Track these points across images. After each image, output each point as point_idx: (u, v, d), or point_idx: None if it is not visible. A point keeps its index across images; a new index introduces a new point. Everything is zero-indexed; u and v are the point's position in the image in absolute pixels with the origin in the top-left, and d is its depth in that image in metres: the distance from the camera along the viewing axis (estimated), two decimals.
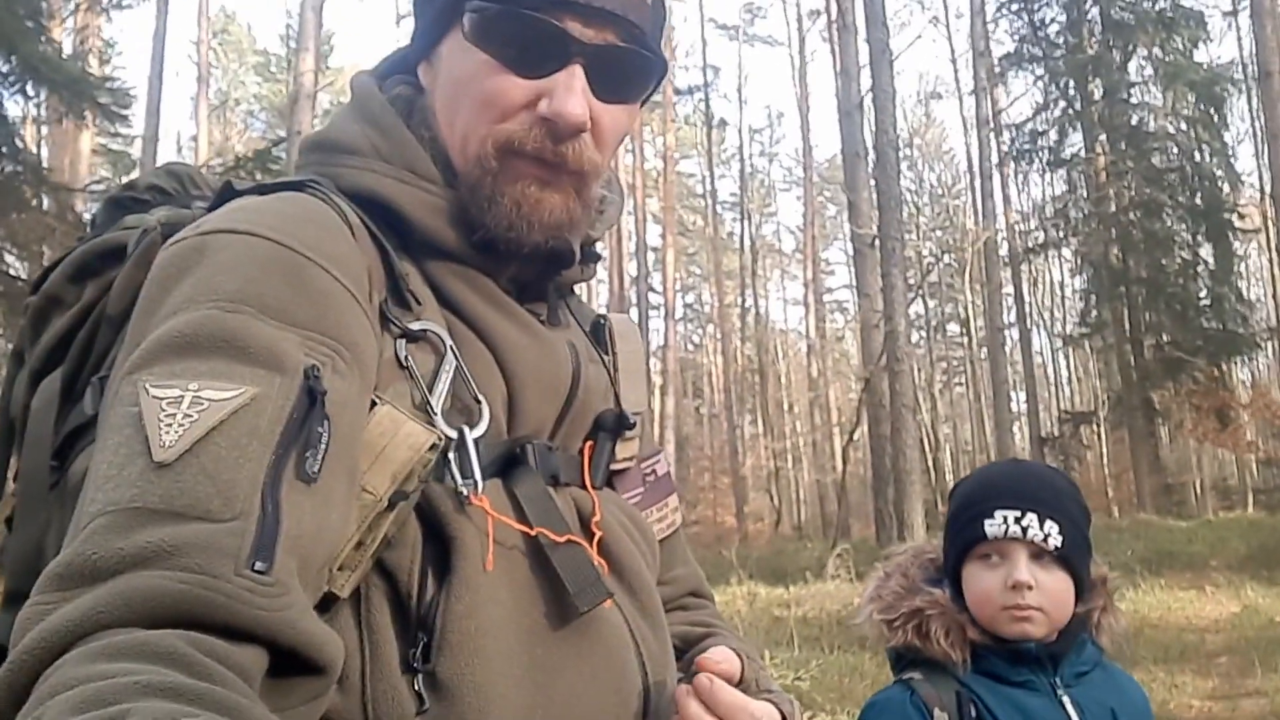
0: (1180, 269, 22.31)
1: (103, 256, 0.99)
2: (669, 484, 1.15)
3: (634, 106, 0.98)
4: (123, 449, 0.69)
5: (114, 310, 0.91)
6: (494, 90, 0.91)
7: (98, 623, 0.60)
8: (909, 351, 13.26)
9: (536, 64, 0.90)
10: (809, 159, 34.52)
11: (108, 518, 0.65)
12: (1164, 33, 22.42)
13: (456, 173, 0.94)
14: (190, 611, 0.62)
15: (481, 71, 0.91)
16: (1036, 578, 1.57)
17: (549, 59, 0.90)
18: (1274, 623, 8.92)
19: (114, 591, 0.61)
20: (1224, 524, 17.80)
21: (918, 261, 26.58)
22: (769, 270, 42.36)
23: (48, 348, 0.98)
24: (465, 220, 0.92)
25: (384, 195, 0.92)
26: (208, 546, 0.64)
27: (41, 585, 0.64)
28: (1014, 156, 25.35)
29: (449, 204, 0.93)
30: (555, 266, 0.98)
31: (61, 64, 7.34)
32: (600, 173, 0.96)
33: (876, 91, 13.40)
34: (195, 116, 29.84)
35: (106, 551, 0.63)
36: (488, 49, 0.90)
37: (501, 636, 0.83)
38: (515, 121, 0.91)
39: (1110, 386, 26.20)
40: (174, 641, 0.60)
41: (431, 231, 0.92)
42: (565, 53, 0.89)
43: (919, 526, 12.13)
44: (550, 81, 0.90)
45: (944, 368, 38.59)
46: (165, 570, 0.63)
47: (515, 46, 0.90)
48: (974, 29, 24.80)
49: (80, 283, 0.99)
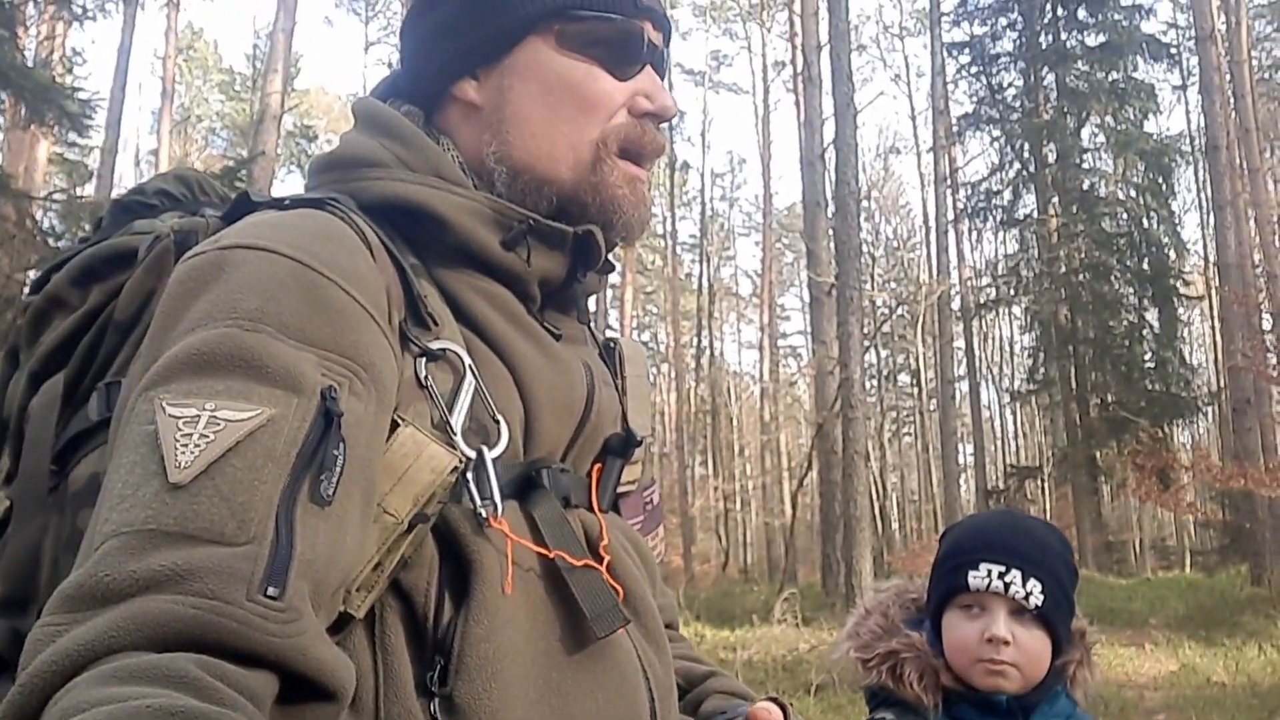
0: (1126, 331, 22.80)
1: (110, 261, 0.98)
2: (659, 515, 1.16)
3: None
4: (138, 468, 0.68)
5: (122, 316, 0.90)
6: (600, 92, 0.97)
7: (109, 647, 0.60)
8: (863, 399, 13.38)
9: (626, 66, 0.97)
10: (769, 205, 34.89)
11: (121, 539, 0.65)
12: (1116, 102, 23.09)
13: (545, 180, 0.97)
14: (202, 637, 0.62)
15: (584, 75, 0.96)
16: (1014, 634, 1.58)
17: (635, 60, 0.98)
18: (1210, 682, 9.07)
19: (125, 615, 0.61)
20: (1163, 583, 18.12)
21: (872, 311, 26.92)
22: (725, 313, 42.60)
23: (49, 350, 0.96)
24: (498, 221, 0.93)
25: (418, 200, 0.92)
26: (220, 571, 0.64)
27: (52, 606, 0.63)
28: (969, 214, 25.84)
29: (482, 205, 0.93)
30: (583, 264, 0.98)
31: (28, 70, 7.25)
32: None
33: (839, 144, 13.62)
34: (157, 131, 29.48)
35: (119, 574, 0.63)
36: (585, 53, 0.96)
37: (519, 660, 0.82)
38: (620, 119, 0.98)
39: (1055, 443, 26.63)
40: (185, 665, 0.60)
41: (467, 232, 0.92)
42: (643, 54, 0.98)
43: (867, 574, 12.16)
44: (638, 82, 0.98)
45: (894, 417, 38.95)
46: (177, 594, 0.62)
47: (608, 48, 0.97)
48: (934, 88, 25.38)
49: (85, 286, 0.98)
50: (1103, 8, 23.28)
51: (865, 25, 41.90)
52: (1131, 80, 23.44)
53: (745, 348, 44.45)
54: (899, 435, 40.01)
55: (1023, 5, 23.99)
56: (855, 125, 14.45)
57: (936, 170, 25.69)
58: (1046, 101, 23.98)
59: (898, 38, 37.83)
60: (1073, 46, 23.73)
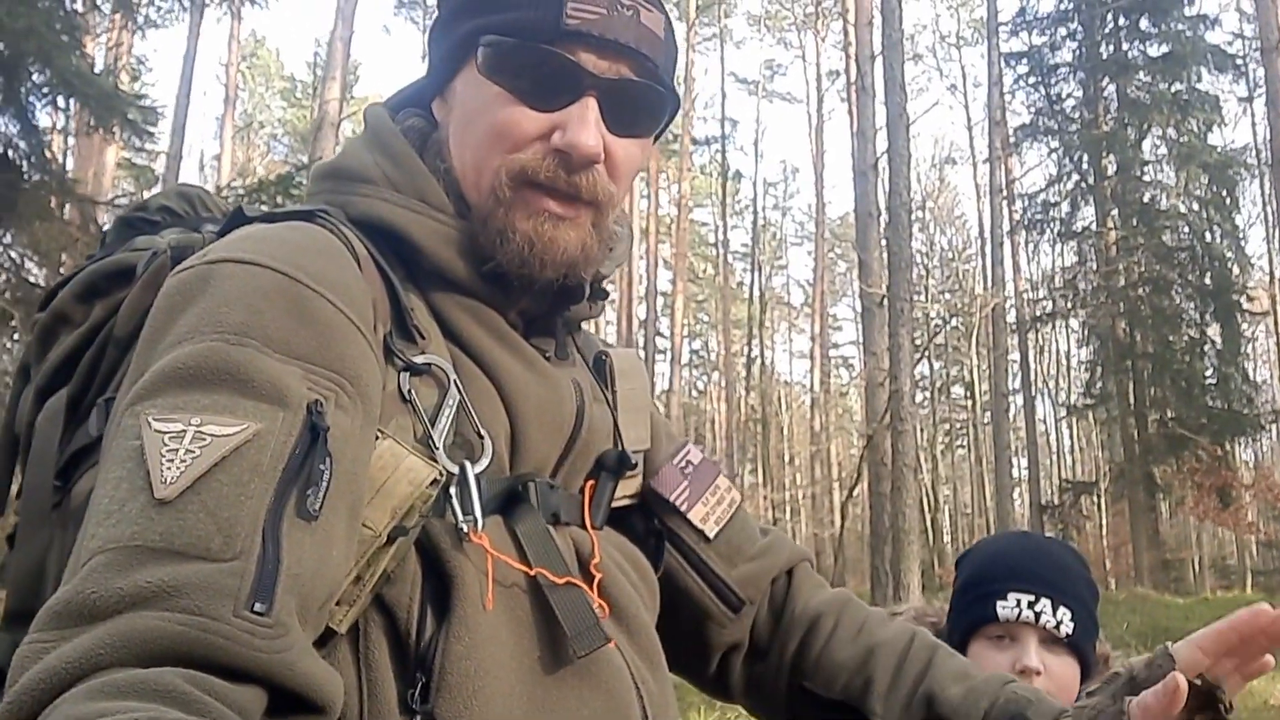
0: (1187, 346, 22.27)
1: (111, 277, 0.99)
2: (712, 467, 1.13)
3: (647, 141, 0.98)
4: (124, 484, 0.69)
5: (121, 332, 0.91)
6: (506, 121, 0.91)
7: (96, 664, 0.60)
8: (913, 411, 13.25)
9: (550, 96, 0.90)
10: (822, 215, 34.69)
11: (107, 555, 0.65)
12: (1179, 114, 22.59)
13: (469, 205, 0.94)
14: (189, 653, 0.62)
15: (495, 103, 0.91)
16: (1045, 663, 1.55)
17: (563, 91, 0.90)
18: (1268, 705, 8.84)
19: (112, 632, 0.61)
20: (1222, 603, 17.61)
21: (925, 323, 26.64)
22: (776, 322, 42.39)
23: (54, 366, 0.98)
24: (475, 251, 0.92)
25: (395, 224, 0.91)
26: (207, 587, 0.64)
27: (40, 623, 0.64)
28: (1025, 226, 25.44)
29: (460, 234, 0.92)
30: (565, 302, 0.98)
31: (94, 78, 7.45)
32: (616, 204, 0.96)
33: (892, 154, 13.52)
34: (220, 137, 30.19)
35: (105, 591, 0.63)
36: (501, 81, 0.91)
37: (502, 677, 0.81)
38: (528, 152, 0.90)
39: (1112, 459, 26.06)
40: (172, 679, 0.60)
41: (441, 261, 0.91)
42: (579, 85, 0.90)
43: (915, 586, 12.04)
44: (564, 114, 0.90)
45: (946, 430, 38.45)
46: (164, 611, 0.62)
47: (529, 79, 0.90)
48: (990, 99, 25.04)
49: (88, 302, 0.99)
50: (1166, 18, 22.80)
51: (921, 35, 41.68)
52: (1195, 91, 22.92)
53: (796, 357, 44.15)
54: (951, 448, 39.49)
55: (1083, 15, 23.59)
56: (908, 135, 14.33)
57: (993, 181, 25.35)
58: (1106, 113, 23.56)
59: (954, 47, 37.33)
60: (1134, 57, 23.25)
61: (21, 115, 6.68)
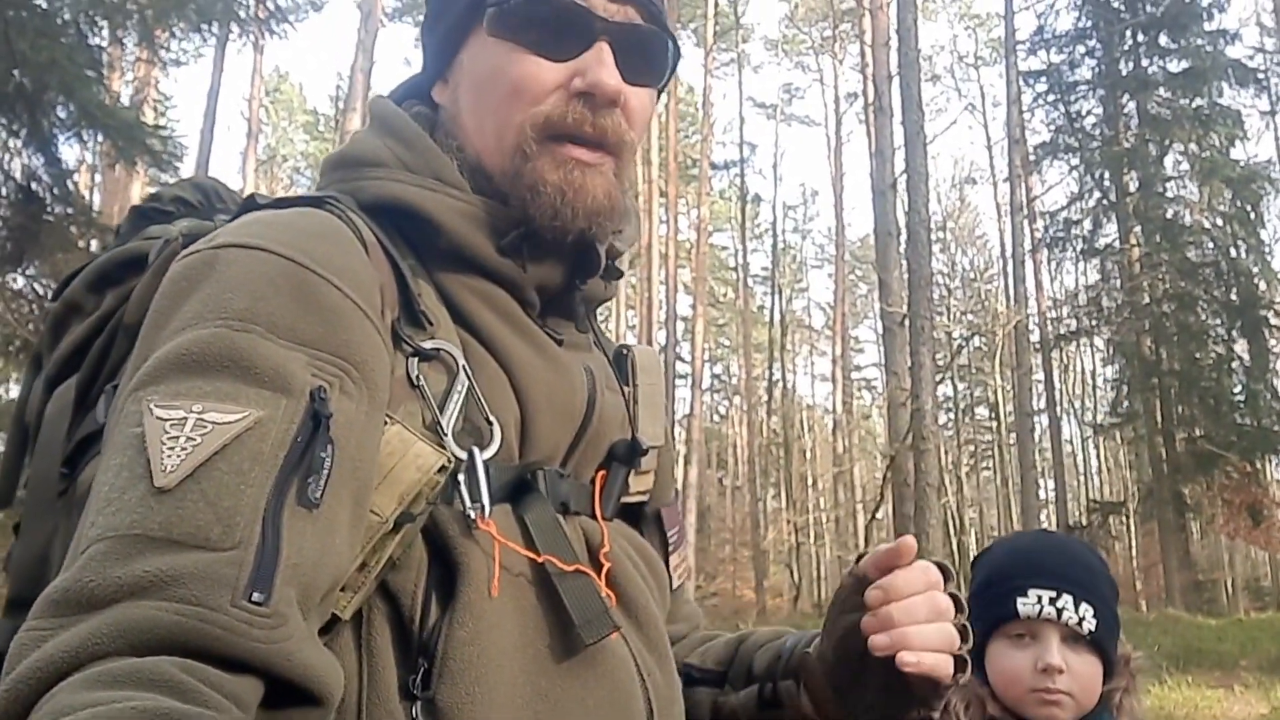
0: (1214, 363, 22.02)
1: (123, 265, 0.99)
2: (683, 531, 1.15)
3: (654, 91, 0.99)
4: (124, 471, 0.68)
5: (131, 319, 0.90)
6: (524, 75, 0.91)
7: (93, 653, 0.60)
8: (934, 431, 13.16)
9: (564, 45, 0.91)
10: (841, 237, 34.67)
11: (106, 544, 0.65)
12: (1201, 129, 22.46)
13: (489, 175, 0.93)
14: (185, 643, 0.62)
15: (509, 61, 0.92)
16: (1067, 661, 1.53)
17: (577, 39, 0.91)
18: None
19: (109, 621, 0.61)
20: (1256, 624, 17.33)
21: (948, 343, 26.51)
22: (798, 345, 42.34)
23: (64, 355, 0.98)
24: (494, 226, 0.92)
25: (411, 202, 0.91)
26: (205, 577, 0.64)
27: (38, 610, 0.64)
28: (1047, 244, 25.31)
29: (477, 209, 0.92)
30: (581, 272, 0.97)
31: (116, 110, 7.54)
32: (633, 152, 0.97)
33: (910, 172, 13.52)
34: (243, 170, 30.54)
35: (103, 579, 0.63)
36: (513, 38, 0.91)
37: (505, 665, 0.80)
38: (549, 102, 0.91)
39: (1140, 478, 25.78)
40: (168, 668, 0.60)
41: (460, 237, 0.91)
42: (591, 30, 0.91)
43: None
44: (580, 60, 0.91)
45: (971, 451, 38.16)
46: (161, 600, 0.62)
47: (541, 30, 0.91)
48: (1010, 117, 24.99)
49: (100, 291, 0.99)
50: (1185, 33, 22.72)
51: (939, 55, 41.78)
52: (1217, 106, 22.78)
53: (818, 380, 44.02)
54: (977, 470, 39.17)
55: (1101, 32, 23.56)
56: (926, 153, 14.34)
57: (1013, 200, 25.27)
58: (1127, 129, 23.46)
59: (972, 67, 37.35)
60: (1154, 73, 23.16)
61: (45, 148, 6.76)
